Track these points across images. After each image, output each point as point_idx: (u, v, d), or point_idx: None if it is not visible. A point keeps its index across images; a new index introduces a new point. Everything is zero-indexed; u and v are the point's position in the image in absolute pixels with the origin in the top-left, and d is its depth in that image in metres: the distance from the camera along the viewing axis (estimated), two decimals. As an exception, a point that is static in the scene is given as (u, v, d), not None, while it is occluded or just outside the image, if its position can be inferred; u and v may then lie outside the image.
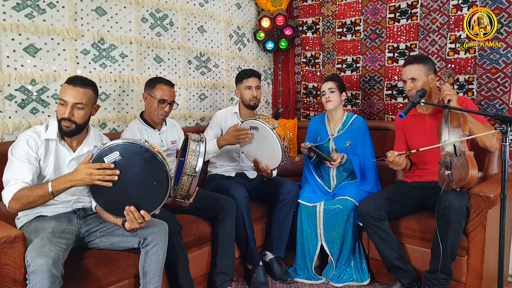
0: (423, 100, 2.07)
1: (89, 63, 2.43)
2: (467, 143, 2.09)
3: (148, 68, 2.75)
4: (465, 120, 2.02)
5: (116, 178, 1.54)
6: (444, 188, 2.02)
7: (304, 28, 3.57)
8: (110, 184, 1.55)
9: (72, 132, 1.77)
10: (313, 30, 3.53)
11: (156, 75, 2.74)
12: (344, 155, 2.57)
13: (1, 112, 2.08)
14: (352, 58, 3.32)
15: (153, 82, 2.32)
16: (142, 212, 1.60)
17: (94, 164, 1.55)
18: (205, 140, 1.86)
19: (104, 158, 1.55)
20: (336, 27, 3.38)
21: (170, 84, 2.34)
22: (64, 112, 1.73)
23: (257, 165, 2.48)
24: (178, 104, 2.49)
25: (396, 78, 3.09)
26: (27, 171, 1.66)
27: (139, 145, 1.56)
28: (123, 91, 2.62)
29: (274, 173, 2.64)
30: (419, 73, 2.24)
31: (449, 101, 2.04)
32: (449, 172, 2.02)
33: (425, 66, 2.25)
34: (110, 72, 2.54)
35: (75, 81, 1.77)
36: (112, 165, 1.54)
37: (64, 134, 1.79)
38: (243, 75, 2.69)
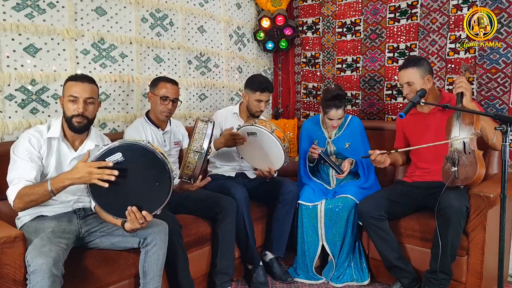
0: (423, 100, 2.07)
1: (89, 63, 2.43)
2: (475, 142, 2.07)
3: (148, 68, 2.75)
4: (478, 118, 2.00)
5: (113, 178, 1.52)
6: (448, 184, 2.01)
7: (304, 28, 3.57)
8: (106, 185, 1.52)
9: (84, 127, 1.80)
10: (313, 30, 3.53)
11: (156, 75, 2.74)
12: (353, 161, 2.57)
13: (1, 112, 2.08)
14: (352, 58, 3.32)
15: (156, 81, 2.34)
16: (144, 212, 1.60)
17: (94, 163, 1.54)
18: (213, 122, 1.87)
19: (107, 159, 1.54)
20: (336, 27, 3.38)
21: (173, 82, 2.35)
22: (77, 108, 1.75)
23: (261, 173, 2.49)
24: (181, 102, 2.50)
25: (396, 78, 3.09)
26: (30, 169, 1.67)
27: (141, 146, 1.56)
28: (123, 91, 2.62)
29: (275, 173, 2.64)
30: (414, 76, 2.23)
31: (462, 94, 2.03)
32: (456, 169, 2.01)
33: (419, 69, 2.23)
34: (110, 72, 2.54)
35: (81, 77, 1.81)
36: (111, 164, 1.53)
37: (75, 131, 1.80)
38: (257, 87, 2.53)
